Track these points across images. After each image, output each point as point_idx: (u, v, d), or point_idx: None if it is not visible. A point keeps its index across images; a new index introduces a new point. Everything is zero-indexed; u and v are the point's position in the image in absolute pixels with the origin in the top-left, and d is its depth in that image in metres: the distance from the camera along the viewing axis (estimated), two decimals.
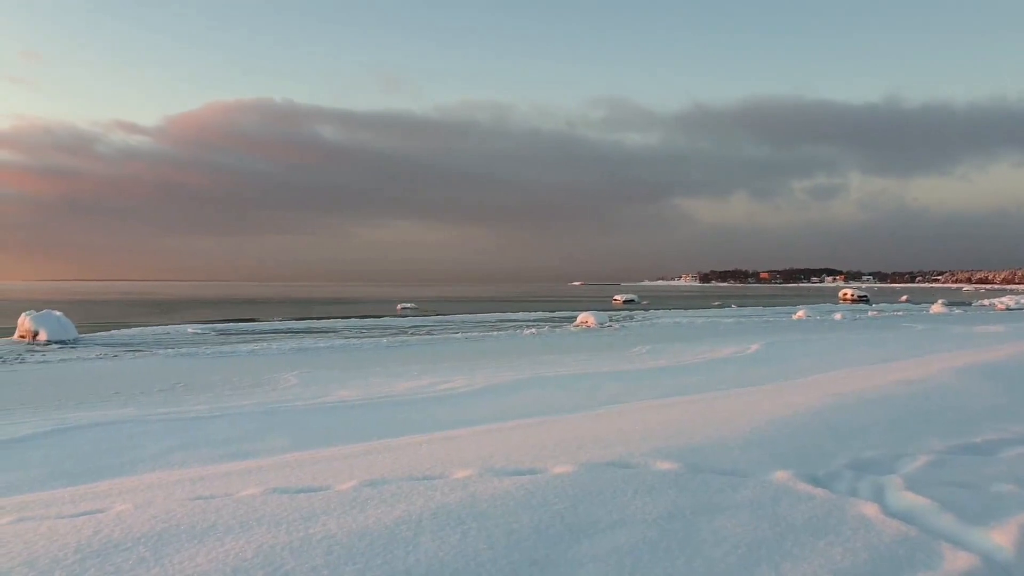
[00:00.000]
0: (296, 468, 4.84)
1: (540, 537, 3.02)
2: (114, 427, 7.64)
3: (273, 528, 3.21)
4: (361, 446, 5.97)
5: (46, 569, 2.80)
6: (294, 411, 8.73)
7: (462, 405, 8.77)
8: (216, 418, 8.26)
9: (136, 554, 2.94)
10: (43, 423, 8.09)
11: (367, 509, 3.43)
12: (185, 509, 3.63)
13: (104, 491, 4.50)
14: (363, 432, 7.19)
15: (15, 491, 5.03)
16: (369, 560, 2.78)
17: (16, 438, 7.08)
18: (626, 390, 9.84)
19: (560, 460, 4.31)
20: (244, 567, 2.75)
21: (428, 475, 4.10)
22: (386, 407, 8.80)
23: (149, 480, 4.87)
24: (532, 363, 15.04)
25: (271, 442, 6.84)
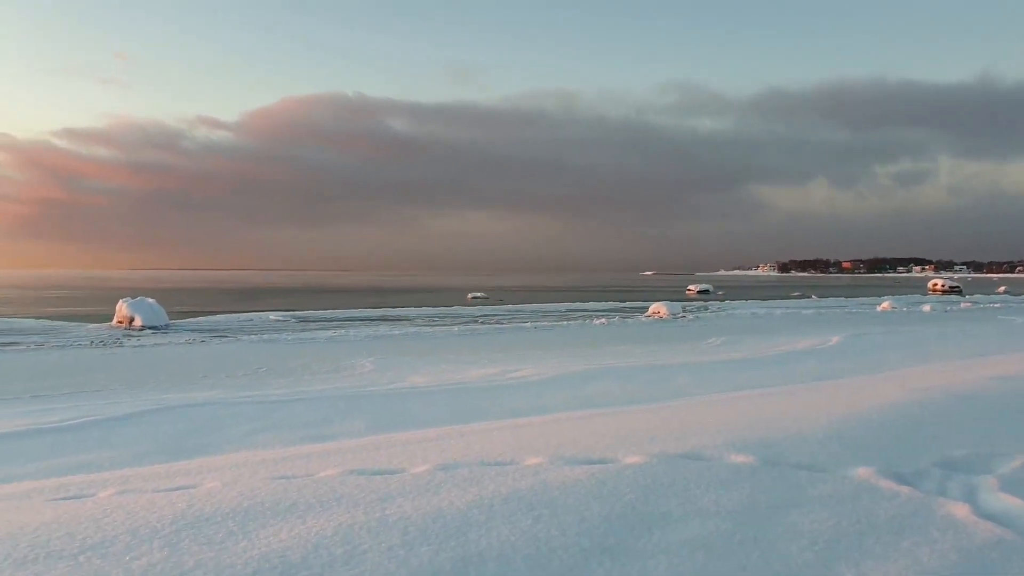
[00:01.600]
0: (372, 451, 4.99)
1: (611, 526, 3.03)
2: (203, 408, 8.03)
3: (351, 508, 3.33)
4: (434, 431, 6.10)
5: (146, 538, 2.99)
6: (370, 396, 8.97)
7: (532, 394, 8.82)
8: (296, 402, 8.56)
9: (225, 528, 3.10)
10: (141, 403, 8.57)
11: (440, 492, 3.52)
12: (269, 488, 3.80)
13: (195, 468, 4.75)
14: (435, 418, 7.33)
15: (118, 465, 5.36)
16: (443, 542, 2.85)
17: (117, 417, 7.53)
18: (699, 382, 9.70)
19: (631, 450, 4.30)
20: (324, 544, 2.86)
21: (499, 461, 4.16)
22: (457, 394, 8.94)
23: (235, 459, 5.11)
24: (602, 353, 14.98)
25: (348, 425, 7.05)
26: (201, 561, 2.72)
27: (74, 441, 6.50)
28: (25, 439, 6.56)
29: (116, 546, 2.92)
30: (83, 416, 7.62)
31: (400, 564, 2.66)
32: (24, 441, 6.48)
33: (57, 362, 14.08)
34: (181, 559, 2.75)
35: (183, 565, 2.69)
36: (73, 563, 2.74)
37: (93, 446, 6.30)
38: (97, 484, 4.32)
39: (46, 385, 11.15)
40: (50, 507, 3.68)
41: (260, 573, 2.59)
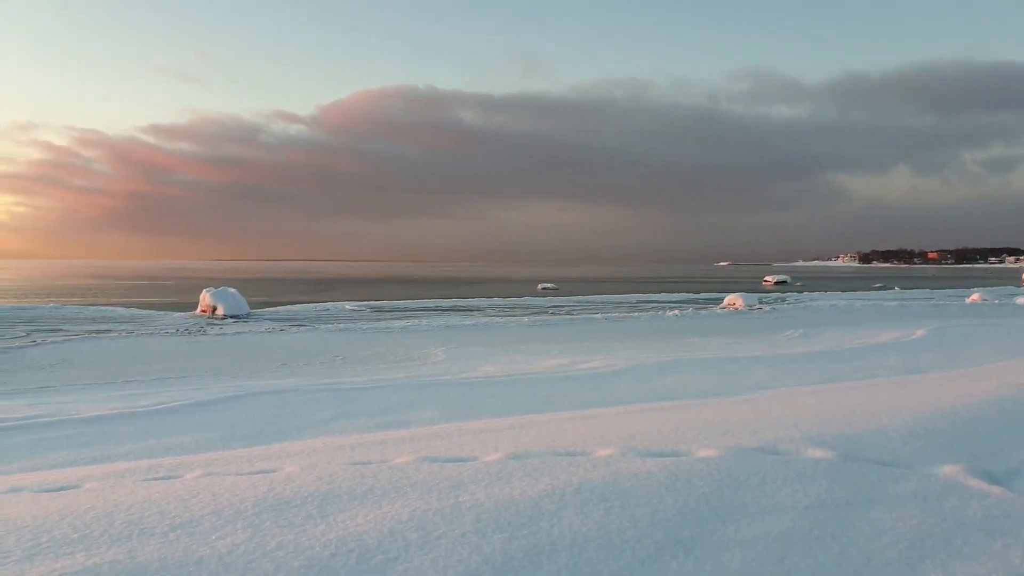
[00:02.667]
0: (445, 439, 5.06)
1: (684, 519, 2.99)
2: (283, 395, 8.31)
3: (425, 494, 3.39)
4: (505, 420, 6.15)
5: (230, 519, 3.12)
6: (442, 385, 9.10)
7: (603, 385, 8.78)
8: (371, 389, 8.76)
9: (305, 511, 3.20)
10: (224, 390, 8.93)
11: (512, 481, 3.54)
12: (346, 473, 3.90)
13: (275, 453, 4.92)
14: (506, 407, 7.38)
15: (203, 449, 5.61)
16: (515, 530, 2.87)
17: (202, 402, 7.87)
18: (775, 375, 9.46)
19: (705, 443, 4.23)
20: (399, 529, 2.92)
21: (571, 451, 4.16)
22: (528, 384, 8.97)
23: (313, 445, 5.27)
24: (675, 345, 14.77)
25: (421, 413, 7.17)
26: (282, 543, 2.81)
27: (162, 425, 6.83)
28: (118, 422, 6.93)
29: (202, 526, 3.05)
30: (171, 401, 8.00)
31: (473, 550, 2.69)
32: (118, 424, 6.84)
33: (146, 349, 14.80)
34: (263, 540, 2.85)
35: (265, 546, 2.79)
36: (163, 540, 2.88)
37: (180, 430, 6.60)
38: (184, 466, 4.52)
39: (136, 371, 11.74)
40: (142, 487, 3.88)
41: (338, 556, 2.67)
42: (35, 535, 2.96)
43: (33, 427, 6.64)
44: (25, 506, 3.49)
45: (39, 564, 2.64)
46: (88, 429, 6.60)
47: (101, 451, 5.76)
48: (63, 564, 2.63)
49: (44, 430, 6.53)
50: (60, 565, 2.62)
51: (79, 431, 6.52)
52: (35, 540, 2.90)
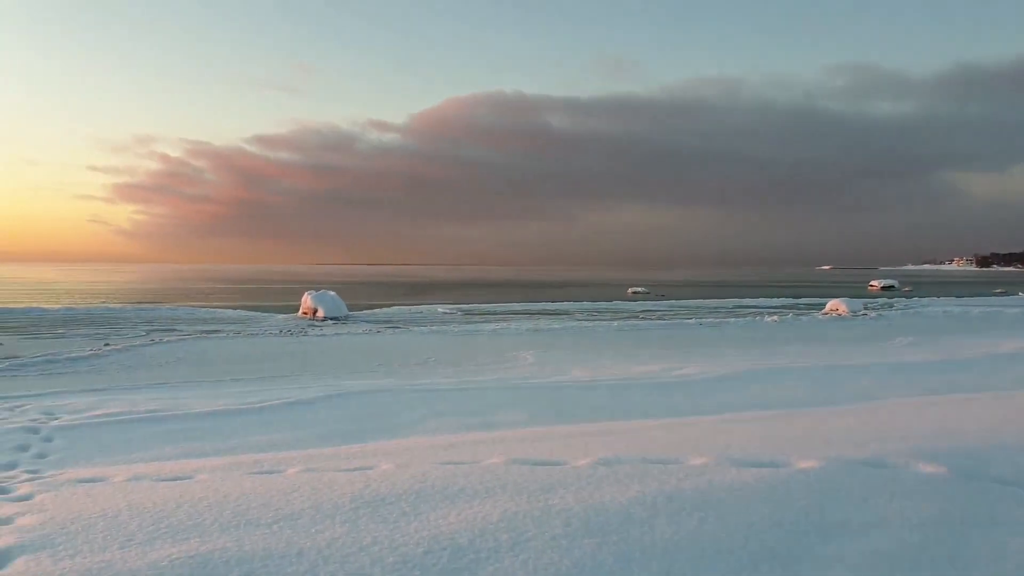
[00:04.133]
0: (535, 442, 5.08)
1: (781, 532, 2.89)
2: (378, 395, 8.54)
3: (515, 496, 3.41)
4: (595, 425, 6.11)
5: (328, 513, 3.24)
6: (531, 388, 9.13)
7: (697, 392, 8.59)
8: (462, 391, 8.89)
9: (399, 508, 3.29)
10: (323, 389, 9.27)
11: (602, 487, 3.52)
12: (438, 472, 3.98)
13: (371, 451, 5.07)
14: (596, 412, 7.33)
15: (303, 445, 5.84)
16: (605, 536, 2.86)
17: (304, 400, 8.19)
18: (882, 385, 9.00)
19: (804, 454, 4.08)
20: (490, 529, 2.96)
21: (662, 459, 4.10)
22: (619, 389, 8.88)
23: (407, 444, 5.40)
24: (773, 352, 14.28)
25: (511, 416, 7.21)
26: (377, 538, 2.90)
27: (266, 421, 7.15)
28: (227, 418, 7.30)
29: (303, 519, 3.18)
30: (274, 399, 8.36)
31: (563, 554, 2.70)
32: (226, 419, 7.21)
33: (252, 349, 15.53)
34: (359, 535, 2.94)
35: (361, 540, 2.88)
36: (268, 531, 3.02)
37: (282, 426, 6.89)
38: (286, 461, 4.73)
39: (243, 369, 12.34)
40: (248, 480, 4.08)
41: (431, 553, 2.73)
42: (155, 520, 3.17)
43: (152, 420, 7.09)
44: (146, 494, 3.73)
45: (159, 548, 2.82)
46: (200, 424, 6.99)
47: (211, 445, 6.09)
48: (179, 549, 2.80)
49: (161, 423, 6.96)
50: (176, 550, 2.79)
51: (192, 425, 6.91)
52: (155, 525, 3.10)
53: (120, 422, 7.07)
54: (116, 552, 2.78)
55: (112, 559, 2.70)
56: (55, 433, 6.66)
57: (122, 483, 4.14)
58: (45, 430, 6.79)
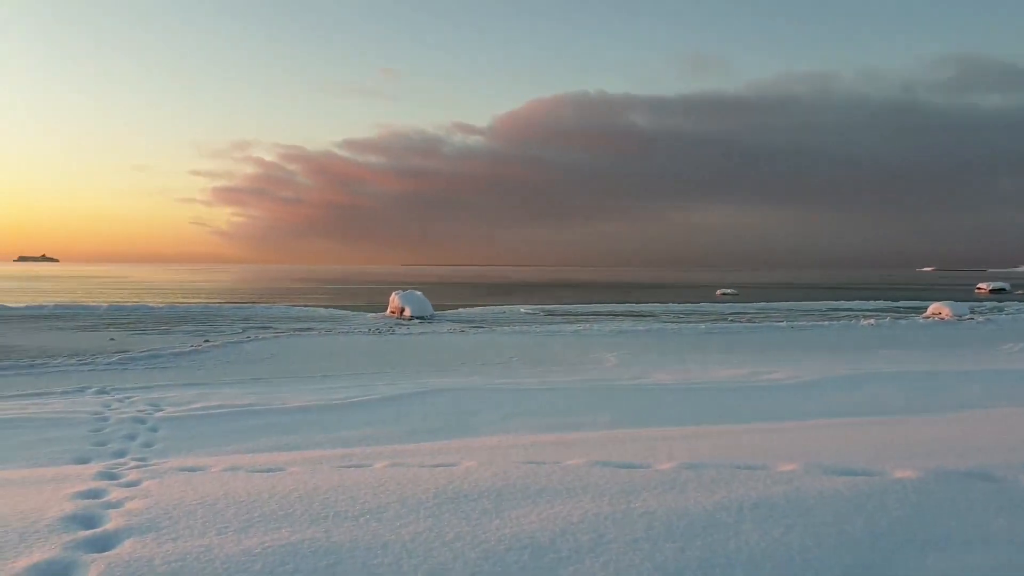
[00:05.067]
0: (617, 444, 5.04)
1: (876, 544, 2.77)
2: (462, 393, 8.66)
3: (597, 498, 3.40)
4: (679, 429, 6.00)
5: (413, 508, 3.31)
6: (614, 390, 9.05)
7: (786, 397, 8.31)
8: (545, 391, 8.90)
9: (481, 505, 3.33)
10: (410, 386, 9.48)
11: (686, 491, 3.46)
12: (520, 471, 4.00)
13: (455, 448, 5.15)
14: (680, 415, 7.20)
15: (389, 441, 5.98)
16: (688, 540, 2.81)
17: (390, 397, 8.40)
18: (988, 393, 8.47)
19: (901, 464, 3.89)
20: (571, 530, 2.96)
21: (749, 465, 3.99)
22: (704, 393, 8.70)
23: (489, 443, 5.46)
24: (870, 357, 13.67)
25: (592, 417, 7.18)
26: (460, 534, 2.94)
27: (355, 416, 7.36)
28: (317, 413, 7.56)
29: (388, 513, 3.26)
30: (362, 395, 8.60)
31: (645, 558, 2.67)
32: (317, 414, 7.47)
33: (342, 346, 16.02)
34: (442, 530, 3.00)
35: (444, 536, 2.93)
36: (354, 524, 3.11)
37: (370, 422, 7.09)
38: (373, 456, 4.86)
39: (333, 366, 12.75)
40: (337, 473, 4.22)
41: (512, 551, 2.75)
42: (249, 510, 3.32)
43: (249, 414, 7.42)
44: (241, 484, 3.91)
45: (252, 535, 2.95)
46: (293, 418, 7.26)
47: (303, 438, 6.31)
48: (271, 537, 2.92)
49: (257, 417, 7.27)
50: (268, 538, 2.92)
51: (285, 419, 7.20)
52: (249, 514, 3.25)
53: (219, 415, 7.43)
54: (213, 538, 2.93)
55: (210, 544, 2.85)
56: (160, 424, 7.06)
57: (219, 473, 4.35)
58: (151, 421, 7.21)
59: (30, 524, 3.12)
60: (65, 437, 6.39)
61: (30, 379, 11.27)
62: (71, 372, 12.01)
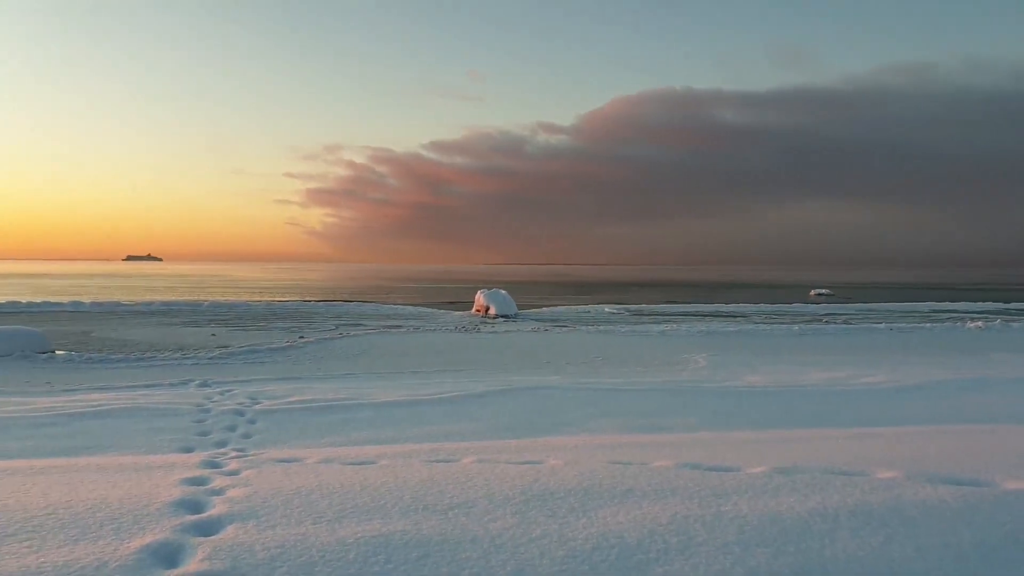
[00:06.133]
0: (705, 446, 4.94)
1: (985, 557, 2.62)
2: (545, 391, 8.68)
3: (685, 500, 3.35)
4: (770, 432, 5.83)
5: (500, 503, 3.34)
6: (702, 392, 8.87)
7: (885, 402, 7.94)
8: (629, 391, 8.81)
9: (568, 504, 3.33)
10: (494, 383, 9.57)
11: (779, 496, 3.37)
12: (606, 471, 3.98)
13: (539, 446, 5.17)
14: (772, 419, 7.00)
15: (475, 437, 6.06)
16: (781, 546, 2.73)
17: (476, 394, 8.51)
18: None
19: (1014, 474, 3.66)
20: (659, 532, 2.92)
21: (845, 471, 3.84)
22: (797, 396, 8.42)
23: (574, 442, 5.45)
24: (977, 361, 12.89)
25: (679, 419, 7.06)
26: (546, 531, 2.96)
27: (442, 412, 7.49)
28: (406, 408, 7.74)
29: (476, 508, 3.31)
30: (449, 391, 8.74)
31: (736, 562, 2.61)
32: (405, 409, 7.64)
33: (429, 343, 16.33)
34: (529, 527, 3.02)
35: (530, 532, 2.95)
36: (443, 518, 3.17)
37: (456, 417, 7.20)
38: (460, 452, 4.93)
39: (421, 362, 13.01)
40: (426, 467, 4.31)
41: (599, 550, 2.74)
42: (342, 501, 3.43)
43: (341, 408, 7.67)
44: (334, 475, 4.05)
45: (346, 526, 3.06)
46: (383, 412, 7.46)
47: (392, 432, 6.47)
48: (363, 528, 3.02)
49: (349, 411, 7.50)
50: (361, 529, 3.01)
51: (375, 414, 7.40)
52: (342, 505, 3.36)
53: (313, 408, 7.70)
54: (309, 527, 3.04)
55: (306, 533, 2.96)
56: (258, 416, 7.38)
57: (314, 464, 4.51)
58: (250, 413, 7.54)
59: (143, 507, 3.33)
60: (171, 427, 6.77)
61: (140, 371, 12.00)
62: (176, 366, 12.71)
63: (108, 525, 3.04)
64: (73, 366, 12.63)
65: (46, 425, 6.64)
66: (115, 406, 7.68)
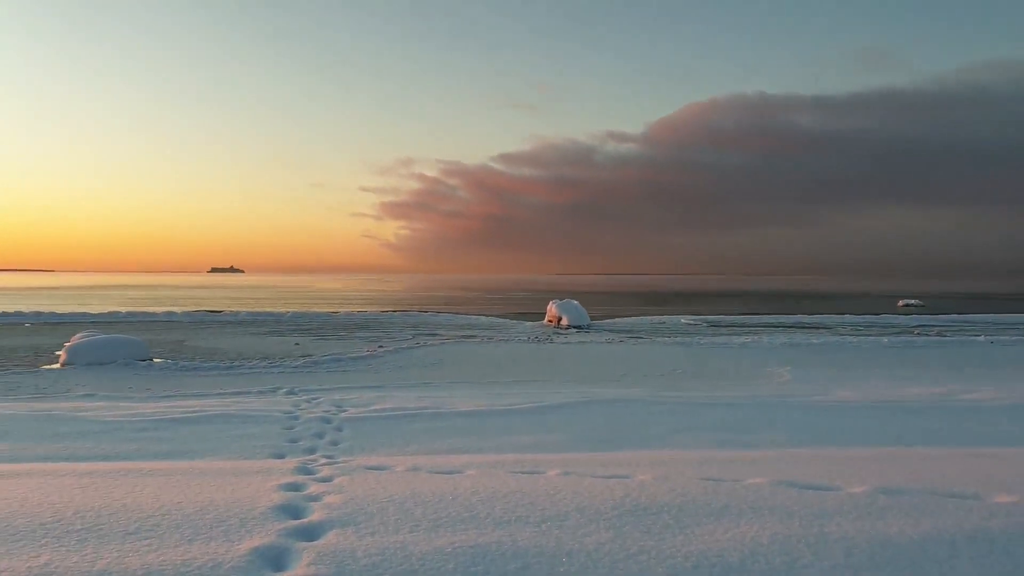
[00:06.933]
0: (800, 464, 4.78)
1: None
2: (626, 404, 8.58)
3: (785, 519, 3.24)
4: (867, 450, 5.60)
5: (592, 518, 3.31)
6: (788, 406, 8.59)
7: (994, 420, 7.51)
8: (713, 405, 8.61)
9: (662, 520, 3.27)
10: (571, 395, 9.52)
11: (886, 518, 3.22)
12: (698, 487, 3.90)
13: (624, 460, 5.10)
14: (866, 436, 6.72)
15: (558, 449, 6.04)
16: (896, 571, 2.61)
17: (554, 405, 8.48)
18: None
19: None
20: (761, 551, 2.84)
21: (957, 494, 3.65)
22: (892, 412, 8.05)
23: (660, 456, 5.36)
24: None
25: (767, 435, 6.85)
26: (643, 548, 2.91)
27: (521, 423, 7.49)
28: (486, 417, 7.77)
29: (568, 521, 3.29)
30: (527, 402, 8.74)
31: None
32: (486, 419, 7.68)
33: (504, 353, 16.40)
34: (625, 542, 2.98)
35: (627, 548, 2.91)
36: (536, 529, 3.16)
37: (536, 428, 7.18)
38: (545, 463, 4.92)
39: (497, 372, 13.07)
40: (512, 478, 4.31)
41: (700, 569, 2.68)
42: (436, 510, 3.46)
43: (424, 416, 7.77)
44: (424, 484, 4.10)
45: (442, 535, 3.08)
46: (463, 422, 7.51)
47: (474, 442, 6.51)
48: (460, 538, 3.04)
49: (431, 420, 7.60)
50: (457, 538, 3.03)
51: (456, 423, 7.46)
52: (436, 514, 3.39)
53: (396, 417, 7.83)
54: (407, 535, 3.08)
55: (404, 541, 3.00)
56: (344, 424, 7.55)
57: (403, 472, 4.58)
58: (336, 420, 7.72)
59: (247, 511, 3.45)
60: (262, 433, 6.99)
61: (230, 379, 12.47)
62: (263, 374, 13.16)
63: (217, 527, 3.16)
64: (169, 373, 13.24)
65: (149, 429, 6.97)
66: (210, 412, 8.00)
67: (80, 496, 3.69)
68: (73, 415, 7.69)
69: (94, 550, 2.87)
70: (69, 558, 2.78)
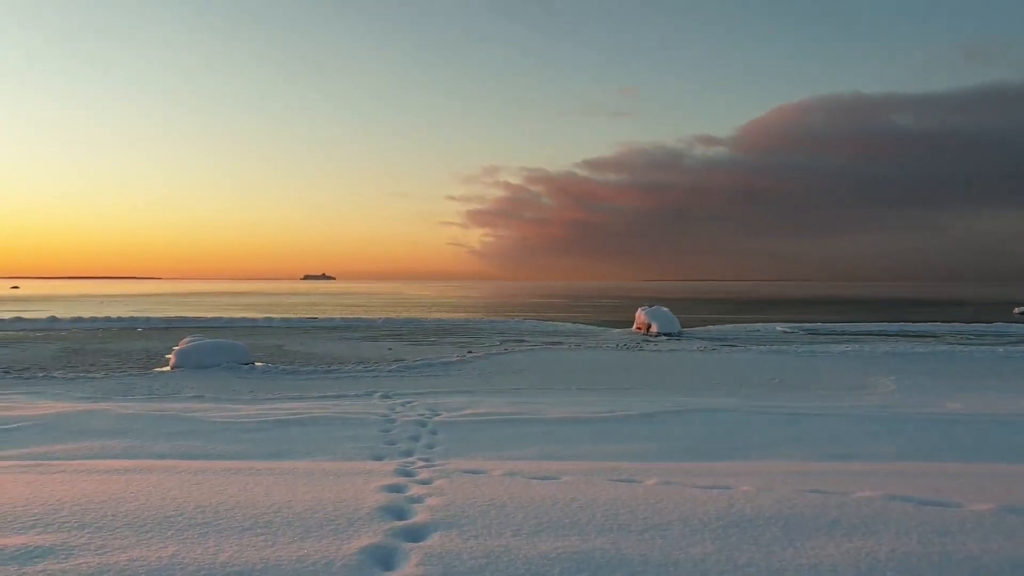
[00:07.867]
0: (912, 478, 4.56)
1: None
2: (721, 414, 8.37)
3: (902, 536, 3.10)
4: (987, 466, 5.28)
5: (697, 528, 3.25)
6: (897, 418, 8.18)
7: None
8: (814, 416, 8.30)
9: (769, 533, 3.18)
10: (664, 403, 9.37)
11: (1015, 537, 3.03)
12: (804, 500, 3.77)
13: (724, 470, 4.99)
14: (986, 451, 6.33)
15: (654, 458, 5.95)
16: None
17: (648, 413, 8.37)
18: None
19: None
20: (878, 568, 2.72)
21: None
22: (1008, 426, 7.56)
23: (762, 467, 5.21)
24: None
25: (873, 447, 6.56)
26: (752, 560, 2.84)
27: (614, 431, 7.43)
28: (578, 425, 7.75)
29: (672, 531, 3.24)
30: (620, 409, 8.66)
31: None
32: (578, 426, 7.66)
33: (592, 360, 16.30)
34: (732, 554, 2.91)
35: (735, 560, 2.84)
36: (640, 538, 3.13)
37: (630, 437, 7.10)
38: (643, 472, 4.86)
39: (586, 379, 13.01)
40: (610, 486, 4.28)
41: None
42: (537, 515, 3.48)
43: (516, 422, 7.82)
44: (522, 489, 4.12)
45: (544, 540, 3.10)
46: (555, 428, 7.52)
47: (567, 449, 6.50)
48: (563, 544, 3.04)
49: (523, 425, 7.64)
50: (560, 544, 3.04)
51: (548, 429, 7.47)
52: (537, 519, 3.41)
53: (488, 421, 7.91)
54: (510, 539, 3.11)
55: (508, 545, 3.03)
56: (438, 427, 7.68)
57: (500, 477, 4.62)
58: (431, 424, 7.87)
59: (353, 511, 3.56)
60: (361, 435, 7.20)
61: (328, 382, 12.90)
62: (359, 377, 13.55)
63: (327, 526, 3.28)
64: (270, 376, 13.82)
65: (253, 430, 7.29)
66: (311, 414, 8.30)
67: (197, 492, 3.90)
68: (184, 415, 8.13)
69: (215, 543, 3.02)
70: (193, 550, 2.94)
